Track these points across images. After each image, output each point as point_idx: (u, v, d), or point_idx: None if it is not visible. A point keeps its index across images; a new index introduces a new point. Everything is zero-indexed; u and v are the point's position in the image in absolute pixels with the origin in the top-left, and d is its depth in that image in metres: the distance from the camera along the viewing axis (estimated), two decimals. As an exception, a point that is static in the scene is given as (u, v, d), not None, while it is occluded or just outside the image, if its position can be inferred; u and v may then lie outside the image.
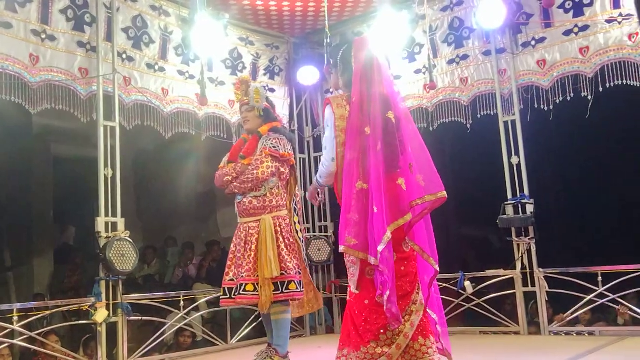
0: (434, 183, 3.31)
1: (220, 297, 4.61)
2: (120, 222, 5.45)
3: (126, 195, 5.77)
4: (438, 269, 3.36)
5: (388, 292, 3.10)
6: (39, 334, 5.22)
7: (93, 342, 5.68)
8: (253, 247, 4.45)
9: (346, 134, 3.35)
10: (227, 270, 4.57)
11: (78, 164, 8.40)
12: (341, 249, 3.24)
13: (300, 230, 4.80)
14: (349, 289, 3.38)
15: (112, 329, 5.31)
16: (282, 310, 4.49)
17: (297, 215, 4.82)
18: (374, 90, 3.34)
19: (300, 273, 4.56)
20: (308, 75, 7.15)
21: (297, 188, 4.87)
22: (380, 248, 3.11)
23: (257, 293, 4.36)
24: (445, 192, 3.28)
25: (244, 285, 4.38)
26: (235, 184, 4.55)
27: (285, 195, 4.67)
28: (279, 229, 4.52)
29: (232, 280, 4.50)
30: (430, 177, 3.31)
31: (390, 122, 3.32)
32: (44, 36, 5.26)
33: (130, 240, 5.40)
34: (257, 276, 4.38)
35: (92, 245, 5.46)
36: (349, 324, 3.30)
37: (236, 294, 4.42)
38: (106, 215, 5.39)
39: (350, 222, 3.22)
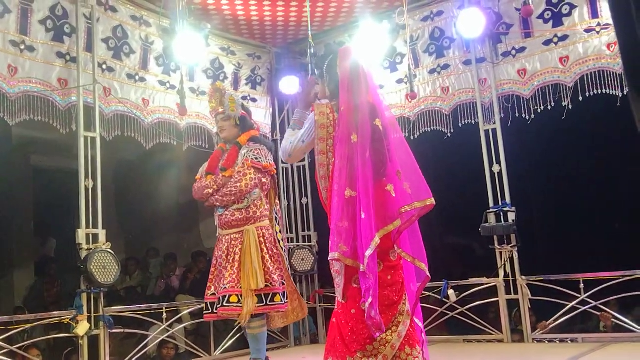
0: (421, 190, 3.31)
1: (204, 312, 4.56)
2: (102, 234, 5.40)
3: (107, 207, 5.72)
4: (429, 275, 3.36)
5: (370, 299, 3.09)
6: (19, 348, 5.15)
7: (75, 355, 5.60)
8: (237, 257, 4.38)
9: (336, 142, 3.36)
10: (209, 284, 4.52)
11: (58, 175, 8.34)
12: (332, 256, 3.23)
13: (282, 240, 4.77)
14: (337, 299, 3.37)
15: (93, 341, 5.25)
16: (261, 324, 4.45)
17: (279, 224, 4.78)
18: (361, 98, 3.36)
19: (284, 284, 4.53)
20: (290, 84, 7.15)
21: (276, 197, 4.83)
22: (368, 253, 3.11)
23: (240, 304, 4.30)
24: (433, 199, 3.29)
25: (227, 296, 4.31)
26: (216, 196, 4.48)
27: (267, 205, 4.63)
28: (262, 240, 4.47)
29: (213, 294, 4.44)
30: (418, 184, 3.32)
31: (377, 129, 3.33)
32: (22, 47, 5.21)
33: (112, 252, 5.35)
34: (241, 287, 4.33)
35: (73, 258, 5.41)
36: (335, 333, 3.29)
37: (219, 306, 4.34)
38: (87, 226, 5.33)
39: (340, 229, 3.22)
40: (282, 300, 4.44)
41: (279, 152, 3.82)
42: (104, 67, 5.78)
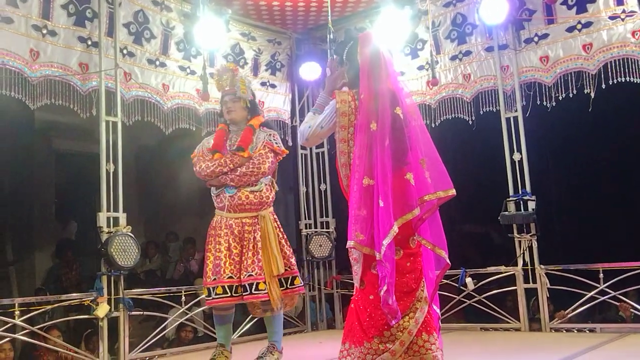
0: (443, 179, 3.30)
1: (217, 296, 4.34)
2: (122, 217, 5.44)
3: (128, 190, 5.76)
4: (449, 262, 3.36)
5: (386, 287, 3.10)
6: (40, 329, 5.23)
7: (94, 336, 5.69)
8: (258, 244, 4.36)
9: (356, 130, 3.35)
10: (223, 267, 4.33)
11: (80, 159, 8.42)
12: (349, 244, 3.23)
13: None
14: (355, 285, 3.39)
15: (113, 323, 5.31)
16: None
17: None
18: (381, 86, 3.34)
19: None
20: (310, 70, 7.13)
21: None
22: (386, 242, 3.10)
23: (267, 291, 4.30)
24: (454, 190, 3.29)
25: (255, 284, 4.28)
26: (231, 176, 4.41)
27: (273, 191, 4.63)
28: (276, 224, 4.51)
29: (231, 277, 4.32)
30: (439, 174, 3.31)
31: (398, 117, 3.32)
32: (44, 31, 5.24)
33: (132, 235, 5.39)
34: (264, 274, 4.32)
35: (94, 241, 5.46)
36: (353, 318, 3.30)
37: (246, 293, 4.29)
38: (108, 210, 5.38)
39: (358, 218, 3.22)
40: (301, 282, 4.52)
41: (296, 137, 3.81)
42: (125, 51, 5.80)
